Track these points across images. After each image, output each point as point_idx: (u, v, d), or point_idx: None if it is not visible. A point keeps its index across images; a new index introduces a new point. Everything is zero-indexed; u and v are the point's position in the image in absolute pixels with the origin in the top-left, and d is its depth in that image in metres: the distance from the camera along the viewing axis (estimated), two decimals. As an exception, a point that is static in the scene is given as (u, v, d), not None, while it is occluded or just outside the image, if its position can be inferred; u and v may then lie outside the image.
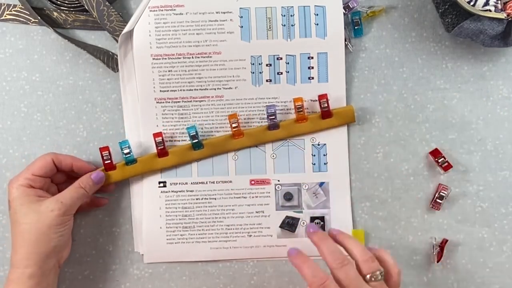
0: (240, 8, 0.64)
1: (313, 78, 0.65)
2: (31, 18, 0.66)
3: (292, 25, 0.64)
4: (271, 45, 0.64)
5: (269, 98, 0.65)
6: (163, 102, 0.65)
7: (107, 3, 0.64)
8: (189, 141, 0.65)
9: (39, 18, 0.65)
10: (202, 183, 0.66)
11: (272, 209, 0.67)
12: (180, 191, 0.66)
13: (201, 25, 0.64)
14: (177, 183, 0.66)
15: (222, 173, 0.66)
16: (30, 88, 0.67)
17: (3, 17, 0.66)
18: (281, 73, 0.65)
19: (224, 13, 0.64)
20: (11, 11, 0.66)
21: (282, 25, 0.64)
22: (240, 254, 0.67)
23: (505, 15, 0.59)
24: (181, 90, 0.65)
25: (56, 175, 0.64)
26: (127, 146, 0.64)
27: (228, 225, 0.66)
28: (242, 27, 0.64)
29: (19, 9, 0.66)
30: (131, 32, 0.64)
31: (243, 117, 0.65)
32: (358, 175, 0.67)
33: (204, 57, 0.64)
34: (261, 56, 0.65)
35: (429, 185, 0.67)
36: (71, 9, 0.65)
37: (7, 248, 0.67)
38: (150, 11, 0.64)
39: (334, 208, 0.67)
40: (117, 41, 0.64)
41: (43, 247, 0.59)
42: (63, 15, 0.66)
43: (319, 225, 0.66)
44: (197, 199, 0.66)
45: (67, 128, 0.67)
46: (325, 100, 0.64)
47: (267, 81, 0.65)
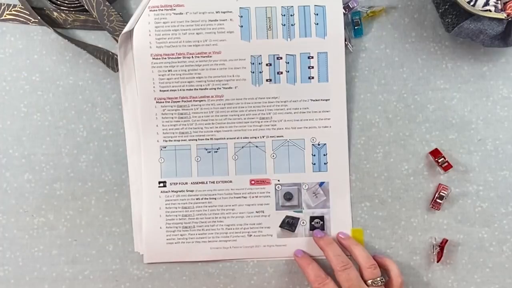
0: (240, 8, 0.64)
1: (313, 77, 0.65)
2: (31, 18, 0.66)
3: (292, 24, 0.64)
4: (271, 44, 0.64)
5: (269, 98, 0.65)
6: (163, 102, 0.65)
7: (107, 3, 0.64)
8: (189, 140, 0.65)
9: (39, 18, 0.65)
10: (202, 183, 0.66)
11: (272, 209, 0.67)
12: (180, 191, 0.66)
13: (201, 24, 0.64)
14: (177, 183, 0.66)
15: (222, 173, 0.66)
16: (30, 88, 0.67)
17: (3, 17, 0.66)
18: (281, 72, 0.65)
19: (224, 12, 0.64)
20: (11, 11, 0.66)
21: (282, 24, 0.64)
22: (240, 254, 0.67)
23: (505, 15, 0.59)
24: (181, 90, 0.65)
25: None
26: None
27: (228, 225, 0.66)
28: (242, 26, 0.64)
29: (19, 9, 0.66)
30: (131, 32, 0.64)
31: (243, 117, 0.65)
32: (358, 175, 0.67)
33: (204, 56, 0.64)
34: (261, 55, 0.65)
35: (429, 185, 0.67)
36: (71, 9, 0.65)
37: (7, 248, 0.67)
38: (150, 11, 0.64)
39: (334, 207, 0.67)
40: (117, 41, 0.64)
41: None
42: (63, 15, 0.66)
43: (318, 224, 0.66)
44: (197, 199, 0.66)
45: (67, 128, 0.67)
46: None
47: (267, 80, 0.65)
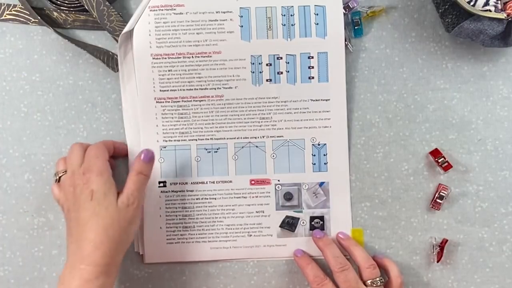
0: (240, 8, 0.64)
1: (313, 77, 0.65)
2: (31, 18, 0.66)
3: (292, 24, 0.64)
4: (271, 44, 0.64)
5: (269, 98, 0.65)
6: (163, 102, 0.65)
7: (107, 3, 0.64)
8: (189, 140, 0.65)
9: (39, 18, 0.65)
10: (202, 183, 0.66)
11: (272, 209, 0.67)
12: (180, 191, 0.66)
13: (201, 24, 0.64)
14: (177, 183, 0.66)
15: (222, 173, 0.66)
16: (30, 88, 0.67)
17: (3, 17, 0.66)
18: (281, 72, 0.65)
19: (224, 12, 0.64)
20: (11, 11, 0.66)
21: (282, 24, 0.64)
22: (240, 254, 0.67)
23: (505, 15, 0.59)
24: (181, 90, 0.65)
25: None
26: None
27: (228, 225, 0.66)
28: (242, 26, 0.64)
29: (19, 9, 0.66)
30: (131, 32, 0.64)
31: (243, 117, 0.65)
32: (358, 175, 0.67)
33: (204, 56, 0.64)
34: (261, 55, 0.65)
35: (429, 185, 0.67)
36: (71, 9, 0.65)
37: (7, 248, 0.67)
38: (150, 10, 0.64)
39: (334, 207, 0.67)
40: (117, 41, 0.64)
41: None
42: (63, 15, 0.66)
43: (318, 224, 0.66)
44: (197, 199, 0.66)
45: (67, 128, 0.67)
46: None
47: (267, 80, 0.65)
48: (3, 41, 0.66)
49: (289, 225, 0.66)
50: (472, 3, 0.59)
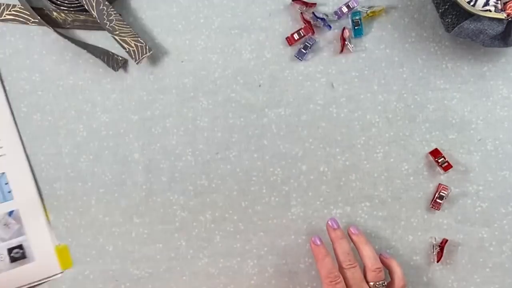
0: None
1: None
2: (31, 18, 0.66)
3: None
4: None
5: None
6: None
7: (106, 2, 0.64)
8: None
9: (39, 18, 0.65)
10: None
11: None
12: None
13: None
14: None
15: None
16: (30, 88, 0.67)
17: (3, 17, 0.66)
18: None
19: None
20: (11, 11, 0.66)
21: None
22: None
23: (505, 15, 0.59)
24: None
25: None
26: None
27: None
28: None
29: (19, 9, 0.66)
30: None
31: None
32: (358, 175, 0.67)
33: None
34: None
35: (429, 185, 0.67)
36: (71, 9, 0.65)
37: (7, 248, 0.67)
38: None
39: (30, 232, 0.65)
40: (117, 40, 0.64)
41: None
42: (63, 15, 0.66)
43: (19, 254, 0.65)
44: None
45: (67, 128, 0.67)
46: None
47: None
48: (3, 41, 0.66)
49: None
50: (472, 3, 0.59)
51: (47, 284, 0.67)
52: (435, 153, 0.66)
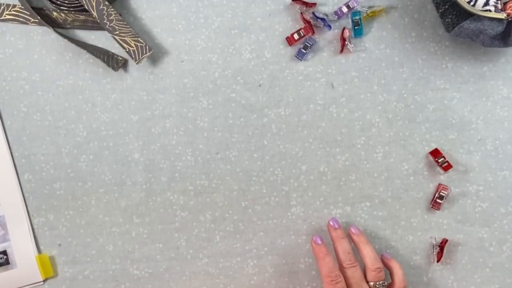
0: None
1: None
2: (31, 18, 0.66)
3: None
4: None
5: None
6: None
7: (106, 2, 0.64)
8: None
9: (39, 18, 0.65)
10: None
11: None
12: None
13: None
14: None
15: None
16: (30, 88, 0.67)
17: (3, 17, 0.66)
18: None
19: None
20: (10, 11, 0.66)
21: None
22: None
23: (505, 15, 0.59)
24: None
25: None
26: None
27: None
28: None
29: (19, 9, 0.66)
30: None
31: None
32: (358, 175, 0.67)
33: None
34: None
35: (429, 185, 0.67)
36: (71, 9, 0.65)
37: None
38: None
39: (15, 239, 0.66)
40: (117, 40, 0.64)
41: None
42: (63, 15, 0.66)
43: (3, 259, 0.66)
44: None
45: (67, 128, 0.67)
46: None
47: None
48: (3, 41, 0.66)
49: None
50: (472, 3, 0.59)
51: (47, 284, 0.67)
52: (435, 153, 0.66)
